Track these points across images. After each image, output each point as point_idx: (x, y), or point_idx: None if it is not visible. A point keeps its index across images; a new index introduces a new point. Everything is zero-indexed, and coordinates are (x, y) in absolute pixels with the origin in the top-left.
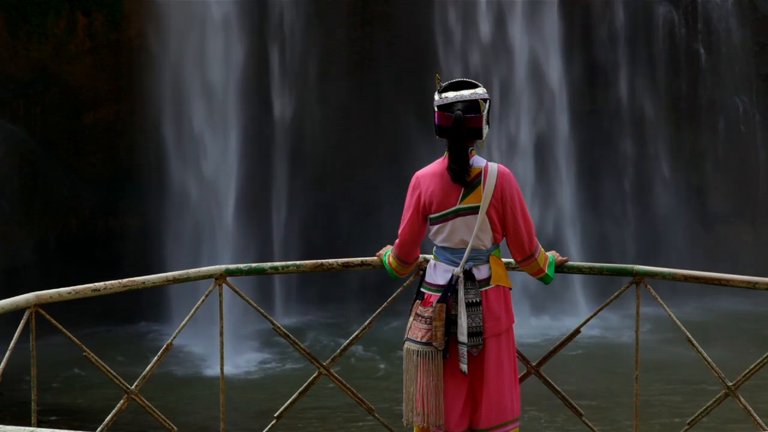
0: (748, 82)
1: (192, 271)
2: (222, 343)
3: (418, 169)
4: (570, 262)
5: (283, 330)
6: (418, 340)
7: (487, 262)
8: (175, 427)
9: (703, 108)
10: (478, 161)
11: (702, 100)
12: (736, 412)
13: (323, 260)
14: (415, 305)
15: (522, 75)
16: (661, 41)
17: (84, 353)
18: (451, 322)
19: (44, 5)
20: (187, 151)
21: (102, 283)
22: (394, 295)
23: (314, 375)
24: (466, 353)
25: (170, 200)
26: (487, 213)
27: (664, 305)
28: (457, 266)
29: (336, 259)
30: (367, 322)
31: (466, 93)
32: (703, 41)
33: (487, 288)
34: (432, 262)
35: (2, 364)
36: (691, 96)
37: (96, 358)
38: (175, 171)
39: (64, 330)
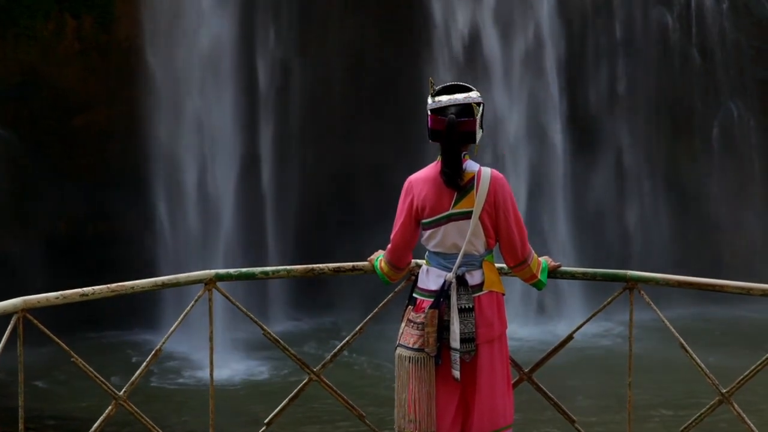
0: (743, 87)
1: (182, 276)
2: (211, 348)
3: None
4: (563, 268)
5: (274, 335)
6: (410, 346)
7: (480, 267)
8: None
9: (697, 113)
10: (471, 166)
11: (696, 104)
12: (730, 420)
13: (314, 265)
14: (407, 311)
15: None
16: (655, 45)
17: (72, 359)
18: (443, 328)
19: (33, 7)
20: (179, 154)
21: (90, 288)
22: (385, 300)
23: (304, 381)
24: (458, 359)
25: (161, 204)
26: (480, 218)
27: (658, 311)
28: (449, 271)
29: (327, 264)
30: (358, 327)
31: (459, 96)
32: (698, 45)
33: (479, 294)
34: (424, 267)
35: None
36: (685, 100)
37: (84, 364)
38: (167, 174)
39: (52, 336)
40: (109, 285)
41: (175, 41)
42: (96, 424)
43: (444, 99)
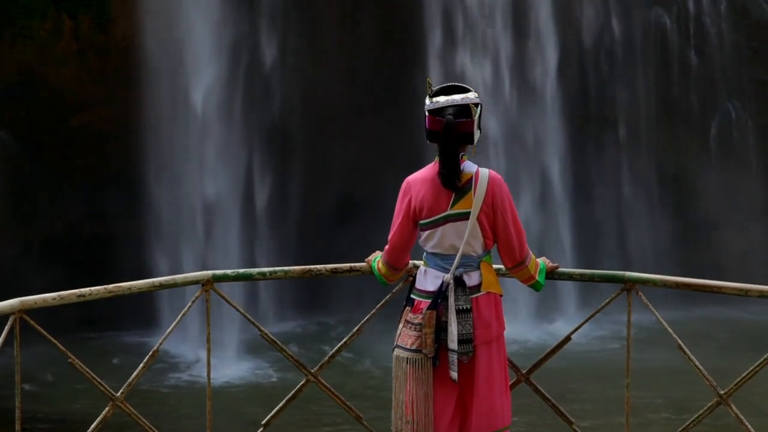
0: (741, 88)
1: (179, 277)
2: (209, 349)
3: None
4: (561, 269)
5: (271, 337)
6: (408, 347)
7: (478, 268)
8: None
9: (695, 114)
10: (468, 166)
11: (694, 105)
12: (728, 421)
13: (311, 266)
14: (404, 312)
15: (511, 83)
16: (653, 46)
17: (69, 360)
18: (441, 329)
19: (29, 7)
20: (176, 155)
21: (87, 289)
22: (383, 301)
23: (302, 382)
24: (456, 360)
25: (158, 205)
26: (478, 219)
27: (656, 312)
28: (447, 272)
29: (324, 265)
30: (356, 328)
31: (457, 97)
32: (696, 46)
33: (477, 295)
34: (422, 268)
35: None
36: (683, 101)
37: (81, 365)
38: (163, 175)
39: (49, 336)
40: (106, 286)
41: (172, 41)
42: (93, 426)
43: (442, 100)
